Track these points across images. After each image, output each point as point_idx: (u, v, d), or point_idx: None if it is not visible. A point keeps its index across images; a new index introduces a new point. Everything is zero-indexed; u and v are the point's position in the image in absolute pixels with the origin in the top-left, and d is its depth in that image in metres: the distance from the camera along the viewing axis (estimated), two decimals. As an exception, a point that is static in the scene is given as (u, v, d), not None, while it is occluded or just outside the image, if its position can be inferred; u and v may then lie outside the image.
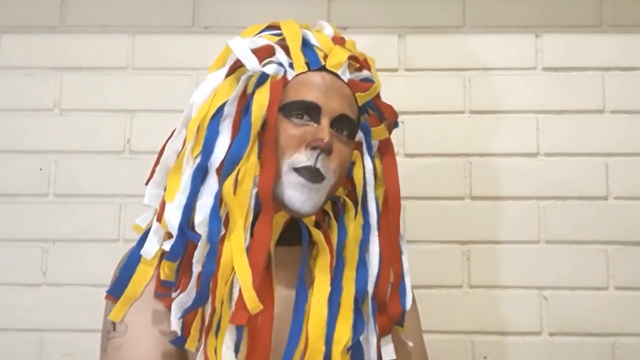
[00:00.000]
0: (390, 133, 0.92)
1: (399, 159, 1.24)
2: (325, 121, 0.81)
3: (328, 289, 0.81)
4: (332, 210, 0.87)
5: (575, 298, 1.22)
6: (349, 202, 0.87)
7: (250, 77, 0.82)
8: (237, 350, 0.77)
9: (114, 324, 0.81)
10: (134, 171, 1.25)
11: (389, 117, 0.90)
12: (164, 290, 0.80)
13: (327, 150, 0.79)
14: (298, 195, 0.79)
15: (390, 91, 1.27)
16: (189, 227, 0.79)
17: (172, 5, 1.33)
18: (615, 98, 1.27)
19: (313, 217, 0.84)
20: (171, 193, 0.80)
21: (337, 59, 0.85)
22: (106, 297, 0.81)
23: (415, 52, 1.31)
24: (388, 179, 0.88)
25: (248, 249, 0.77)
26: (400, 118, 1.27)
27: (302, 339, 0.79)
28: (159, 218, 0.81)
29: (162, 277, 0.80)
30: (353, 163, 0.88)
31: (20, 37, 1.32)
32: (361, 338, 0.83)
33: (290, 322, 0.81)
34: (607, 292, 1.22)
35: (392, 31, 1.31)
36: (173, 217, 0.79)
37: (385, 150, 0.90)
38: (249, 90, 0.82)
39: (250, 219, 0.79)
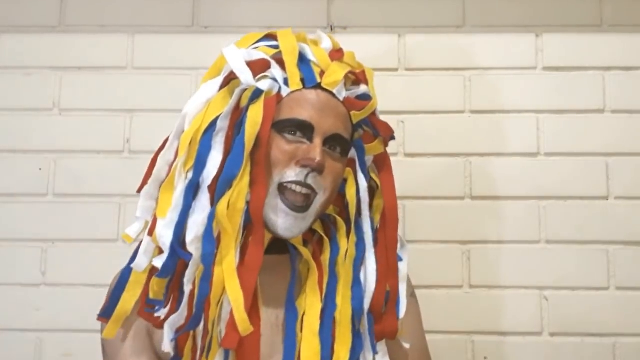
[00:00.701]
0: (386, 147, 0.91)
1: (399, 159, 1.26)
2: (318, 140, 0.80)
3: (320, 305, 0.81)
4: (323, 227, 0.87)
5: (576, 298, 1.21)
6: (340, 220, 0.86)
7: (245, 90, 0.81)
8: None
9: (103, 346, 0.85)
10: (133, 171, 1.25)
11: (384, 134, 0.89)
12: (149, 315, 0.80)
13: (318, 170, 0.79)
14: (281, 221, 0.79)
15: (390, 91, 1.28)
16: (180, 244, 0.78)
17: (172, 5, 1.33)
18: (615, 98, 1.27)
19: (300, 237, 0.84)
20: (163, 209, 0.80)
21: (333, 77, 0.84)
22: (98, 319, 0.82)
23: (415, 52, 1.31)
24: (385, 193, 0.88)
25: (238, 269, 0.77)
26: (400, 118, 1.28)
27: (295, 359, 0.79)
28: (151, 232, 0.81)
29: (151, 296, 0.80)
30: (345, 180, 0.87)
31: (19, 36, 1.32)
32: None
33: (283, 343, 0.80)
34: (607, 292, 1.22)
35: (392, 31, 1.31)
36: (165, 235, 0.79)
37: (382, 165, 0.90)
38: (243, 104, 0.81)
39: (241, 238, 0.79)
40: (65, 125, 1.29)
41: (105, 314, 0.82)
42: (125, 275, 0.83)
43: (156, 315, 0.79)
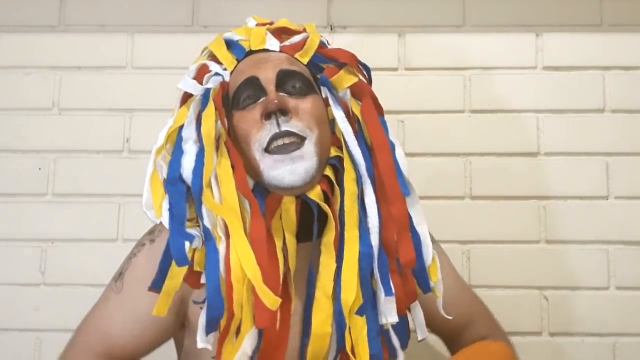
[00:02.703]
0: (365, 77, 0.88)
1: (399, 159, 1.26)
2: (270, 87, 0.81)
3: (334, 266, 0.79)
4: (335, 175, 0.83)
5: (576, 298, 1.21)
6: (344, 159, 0.83)
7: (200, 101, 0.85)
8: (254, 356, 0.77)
9: (121, 274, 0.85)
10: (133, 171, 1.25)
11: (344, 60, 0.86)
12: (194, 282, 0.79)
13: (280, 110, 0.78)
14: (281, 172, 0.77)
15: (390, 91, 1.28)
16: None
17: (172, 4, 1.33)
18: (615, 98, 1.27)
19: (319, 189, 0.80)
20: (158, 208, 0.80)
21: (257, 38, 0.87)
22: (149, 290, 0.79)
23: (415, 51, 1.31)
24: (368, 123, 0.83)
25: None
26: (400, 118, 1.28)
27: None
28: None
29: (196, 268, 0.79)
30: (334, 121, 0.85)
31: (19, 36, 1.32)
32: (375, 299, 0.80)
33: (304, 311, 0.81)
34: (608, 292, 1.21)
35: (392, 31, 1.31)
36: (165, 216, 0.79)
37: (360, 95, 0.86)
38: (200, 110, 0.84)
39: (249, 218, 0.78)
40: (65, 125, 1.29)
41: (156, 286, 0.78)
42: (168, 254, 0.79)
43: (202, 282, 0.78)
